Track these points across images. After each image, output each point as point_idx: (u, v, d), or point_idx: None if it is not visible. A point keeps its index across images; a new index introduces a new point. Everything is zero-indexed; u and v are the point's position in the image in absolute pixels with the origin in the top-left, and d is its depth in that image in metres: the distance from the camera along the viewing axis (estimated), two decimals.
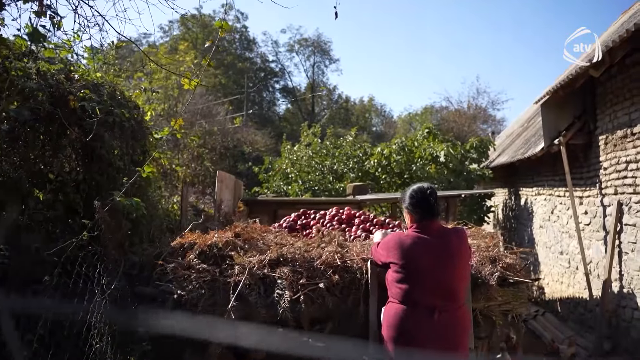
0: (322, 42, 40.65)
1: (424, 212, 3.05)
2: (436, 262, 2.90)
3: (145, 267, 3.54)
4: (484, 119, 34.54)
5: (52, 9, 3.00)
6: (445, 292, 2.90)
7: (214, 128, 17.06)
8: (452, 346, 2.89)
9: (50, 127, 4.27)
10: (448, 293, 2.91)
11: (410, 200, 3.09)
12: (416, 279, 2.89)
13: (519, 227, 11.99)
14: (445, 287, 2.90)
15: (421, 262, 2.90)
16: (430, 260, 2.90)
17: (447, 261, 2.93)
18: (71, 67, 4.59)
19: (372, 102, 44.12)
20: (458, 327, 2.94)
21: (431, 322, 2.84)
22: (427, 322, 2.84)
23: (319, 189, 12.22)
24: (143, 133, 5.16)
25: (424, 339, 2.83)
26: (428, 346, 2.82)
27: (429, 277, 2.88)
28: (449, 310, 2.89)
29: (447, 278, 2.91)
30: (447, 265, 2.92)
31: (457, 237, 3.04)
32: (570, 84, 7.38)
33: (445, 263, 2.91)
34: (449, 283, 2.92)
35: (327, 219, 4.96)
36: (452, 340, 2.90)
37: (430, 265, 2.89)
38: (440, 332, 2.84)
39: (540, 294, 10.41)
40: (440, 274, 2.89)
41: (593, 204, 7.73)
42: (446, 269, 2.91)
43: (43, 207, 4.07)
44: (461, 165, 11.71)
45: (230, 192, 6.24)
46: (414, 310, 2.87)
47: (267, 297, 3.19)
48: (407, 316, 2.87)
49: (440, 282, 2.89)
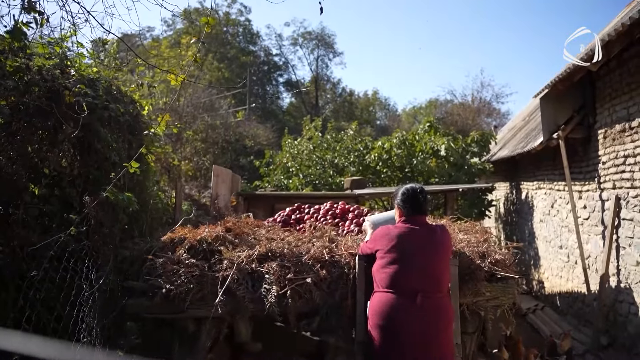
0: (326, 35, 40.53)
1: (413, 208, 3.19)
2: (421, 248, 3.04)
3: (135, 262, 3.58)
4: (488, 112, 34.39)
5: (39, 6, 3.01)
6: (429, 278, 2.99)
7: (216, 122, 17.10)
8: (434, 332, 2.94)
9: (47, 122, 4.31)
10: (431, 279, 3.00)
11: (401, 196, 3.23)
12: (401, 262, 2.99)
13: (520, 221, 11.97)
14: (429, 273, 3.01)
15: (407, 247, 3.03)
16: (415, 245, 3.04)
17: (432, 249, 3.06)
18: (68, 62, 4.61)
19: (376, 96, 44.05)
20: (441, 315, 2.99)
21: (414, 306, 2.91)
22: (410, 306, 2.91)
23: (319, 183, 12.24)
24: (140, 128, 5.19)
25: (406, 322, 2.91)
26: (410, 330, 2.90)
27: (414, 262, 2.99)
28: (432, 297, 2.96)
29: (431, 264, 3.02)
30: (432, 253, 3.05)
31: (442, 230, 3.17)
32: (569, 77, 7.35)
33: (430, 250, 3.05)
34: (433, 269, 3.03)
35: (321, 214, 4.99)
36: (435, 326, 2.95)
37: (415, 251, 3.02)
38: (422, 316, 2.91)
39: (540, 288, 10.42)
40: (425, 260, 3.01)
41: (592, 198, 7.71)
42: (431, 255, 3.04)
43: (39, 202, 4.11)
44: (462, 159, 11.68)
45: (227, 187, 6.27)
46: (398, 295, 2.95)
47: (254, 291, 3.23)
48: (390, 301, 2.95)
49: (424, 267, 3.00)
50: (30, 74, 4.04)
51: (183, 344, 3.34)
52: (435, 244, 3.08)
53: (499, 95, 37.59)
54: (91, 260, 3.07)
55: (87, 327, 2.81)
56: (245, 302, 3.18)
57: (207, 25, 3.38)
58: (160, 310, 3.23)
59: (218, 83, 27.08)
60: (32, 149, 4.37)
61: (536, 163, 10.37)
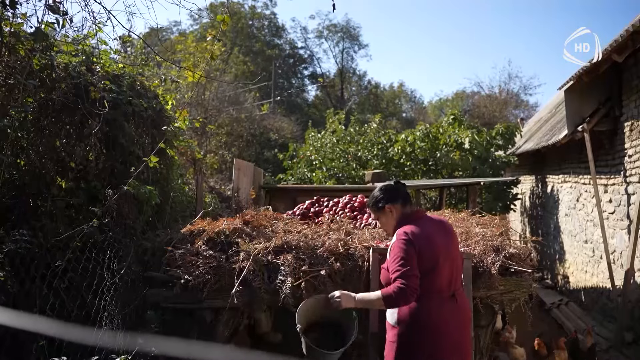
0: (351, 27, 40.34)
1: (405, 199, 2.99)
2: (446, 243, 2.80)
3: (156, 253, 3.71)
4: (516, 104, 33.84)
5: (63, 7, 3.13)
6: (458, 273, 2.85)
7: (241, 115, 17.26)
8: (469, 330, 2.86)
9: (74, 117, 4.46)
10: (459, 273, 2.86)
11: (387, 194, 2.98)
12: (437, 264, 2.71)
13: (545, 215, 11.82)
14: (457, 267, 2.84)
15: (437, 246, 2.74)
16: (442, 241, 2.78)
17: (452, 239, 2.89)
18: (94, 59, 4.76)
19: (402, 88, 43.71)
20: (469, 310, 2.94)
21: (455, 307, 2.75)
22: (452, 308, 2.74)
23: (342, 176, 12.29)
24: (163, 122, 5.32)
25: (450, 323, 2.71)
26: (456, 334, 2.72)
27: (446, 260, 2.75)
28: (461, 293, 2.88)
29: (456, 257, 2.86)
30: (454, 244, 2.89)
31: (448, 223, 3.02)
32: (594, 69, 7.22)
33: (450, 242, 2.86)
34: (458, 262, 2.88)
35: (340, 207, 5.05)
36: (469, 324, 2.89)
37: (443, 247, 2.76)
38: (461, 317, 2.78)
39: (564, 283, 10.29)
40: (451, 254, 2.81)
41: (618, 192, 7.58)
42: (454, 247, 2.87)
43: (66, 195, 4.26)
44: (486, 152, 11.57)
45: (248, 180, 6.37)
46: (440, 300, 2.72)
47: (270, 283, 3.31)
48: (435, 308, 2.70)
49: (453, 261, 2.80)
50: (57, 71, 4.19)
51: (202, 333, 3.44)
52: (452, 233, 2.91)
53: (527, 87, 36.80)
54: (113, 251, 3.19)
55: (109, 316, 2.93)
56: (261, 293, 3.26)
57: (223, 23, 3.45)
58: (179, 300, 3.35)
59: (243, 76, 27.29)
60: (60, 143, 4.53)
61: (562, 156, 10.22)
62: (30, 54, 3.85)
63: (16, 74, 3.66)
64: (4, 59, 3.68)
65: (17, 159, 4.17)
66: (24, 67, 3.75)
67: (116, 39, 5.03)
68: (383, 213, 2.99)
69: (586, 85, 7.87)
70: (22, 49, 3.63)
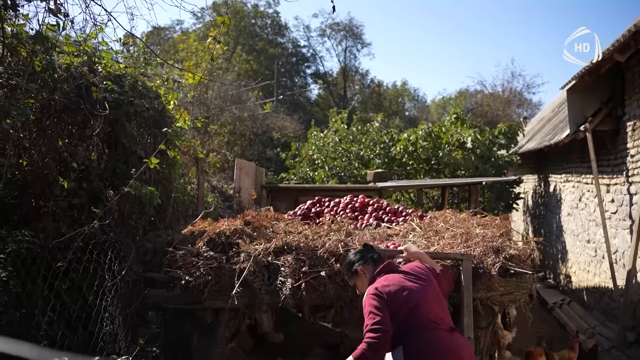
0: (354, 26, 40.20)
1: (375, 259, 3.02)
2: (422, 284, 2.82)
3: (157, 254, 3.72)
4: (519, 102, 33.70)
5: (64, 8, 3.15)
6: (444, 310, 2.84)
7: (244, 114, 17.26)
8: None
9: (76, 118, 4.48)
10: (445, 310, 2.85)
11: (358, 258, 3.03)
12: (418, 302, 2.72)
13: (548, 215, 11.80)
14: (444, 310, 2.84)
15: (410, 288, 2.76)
16: (415, 283, 2.80)
17: (428, 280, 2.89)
18: (96, 59, 4.77)
19: (405, 86, 43.60)
20: (471, 349, 2.89)
21: (454, 339, 2.73)
22: (451, 339, 2.72)
23: (345, 175, 12.29)
24: (165, 122, 5.33)
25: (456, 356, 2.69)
26: None
27: (427, 296, 2.77)
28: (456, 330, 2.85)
29: (441, 301, 2.87)
30: (432, 283, 2.89)
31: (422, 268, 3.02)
32: (597, 69, 7.20)
33: (428, 282, 2.87)
34: (444, 306, 2.87)
35: (341, 207, 5.05)
36: None
37: (419, 287, 2.78)
38: (463, 352, 2.74)
39: (567, 283, 10.28)
40: (433, 291, 2.84)
41: (620, 192, 7.56)
42: (432, 286, 2.88)
43: (68, 195, 4.28)
44: (489, 151, 11.56)
45: (250, 180, 6.39)
46: (438, 330, 2.69)
47: (270, 284, 3.32)
48: (435, 336, 2.67)
49: (437, 299, 2.83)
50: (59, 72, 4.20)
51: (203, 333, 3.46)
52: (426, 275, 2.92)
53: (530, 86, 36.65)
54: (114, 252, 3.21)
55: (110, 316, 2.95)
56: (261, 294, 3.27)
57: (223, 25, 3.46)
58: (179, 301, 3.36)
59: (246, 75, 27.27)
60: (62, 143, 4.55)
61: (564, 155, 10.21)
62: (31, 55, 3.87)
63: (18, 76, 3.68)
64: (5, 60, 3.70)
65: (19, 160, 4.19)
66: (26, 68, 3.77)
67: (117, 40, 5.05)
68: (357, 277, 3.01)
69: (588, 85, 7.85)
70: (24, 51, 3.64)
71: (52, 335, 2.86)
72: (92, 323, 2.92)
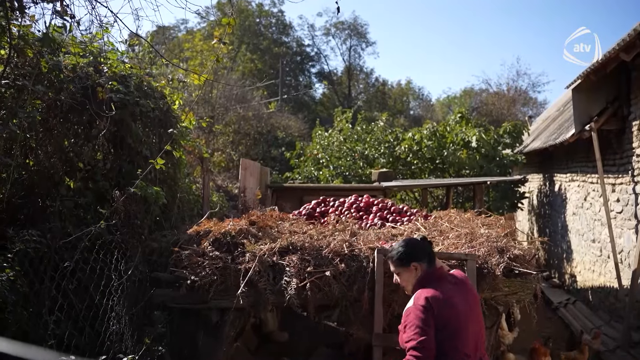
0: (359, 25, 40.18)
1: (431, 256, 2.76)
2: (467, 305, 2.61)
3: (163, 254, 3.75)
4: (524, 101, 33.60)
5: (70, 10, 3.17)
6: (481, 337, 2.68)
7: (248, 113, 17.29)
8: None
9: (82, 118, 4.51)
10: (482, 337, 2.70)
11: (413, 250, 2.75)
12: (458, 327, 2.53)
13: (553, 214, 11.77)
14: (481, 330, 2.70)
15: (458, 309, 2.56)
16: (462, 304, 2.59)
17: (473, 300, 2.70)
18: (102, 59, 4.80)
19: (409, 85, 43.53)
20: None
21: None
22: None
23: (349, 175, 12.30)
24: (170, 122, 5.35)
25: None
26: None
27: (468, 322, 2.58)
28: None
29: (479, 319, 2.70)
30: (475, 305, 2.70)
31: (466, 278, 2.87)
32: (602, 68, 7.18)
33: (473, 303, 2.68)
34: (481, 325, 2.72)
35: (346, 207, 5.06)
36: None
37: (464, 310, 2.58)
38: None
39: (572, 282, 10.25)
40: (474, 316, 2.64)
41: (625, 191, 7.54)
42: (475, 308, 2.69)
43: (74, 195, 4.31)
44: (494, 150, 11.54)
45: (255, 179, 6.40)
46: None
47: (275, 283, 3.34)
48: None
49: (476, 324, 2.64)
50: (65, 72, 4.23)
51: (208, 333, 3.48)
52: (471, 294, 2.73)
53: (536, 84, 36.46)
54: (120, 252, 3.23)
55: (117, 316, 2.97)
56: (266, 293, 3.29)
57: (228, 26, 3.48)
58: (185, 301, 3.39)
59: (251, 74, 27.30)
60: (68, 143, 4.58)
61: (569, 155, 10.18)
62: (38, 56, 3.89)
63: (24, 78, 3.70)
64: (12, 61, 3.72)
65: (26, 160, 4.22)
66: (33, 69, 3.80)
67: (123, 41, 5.07)
68: (407, 270, 2.73)
69: (594, 84, 7.83)
70: (31, 52, 3.67)
71: (60, 335, 2.88)
72: (99, 322, 2.95)
